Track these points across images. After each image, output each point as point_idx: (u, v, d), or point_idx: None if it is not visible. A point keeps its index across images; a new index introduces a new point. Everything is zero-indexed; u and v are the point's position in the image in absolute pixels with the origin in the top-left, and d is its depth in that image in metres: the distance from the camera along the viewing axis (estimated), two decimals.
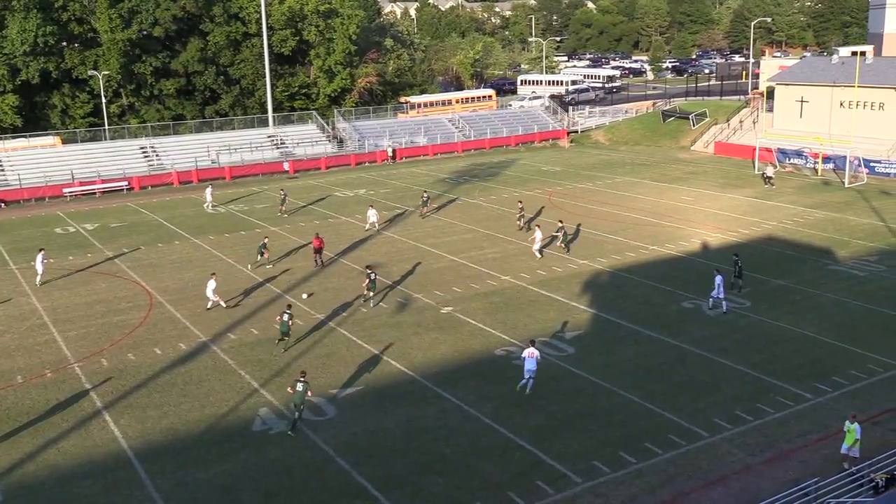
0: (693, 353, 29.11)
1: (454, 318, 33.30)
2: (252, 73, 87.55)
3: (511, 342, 30.47)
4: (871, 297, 34.49)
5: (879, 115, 65.19)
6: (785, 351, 29.20)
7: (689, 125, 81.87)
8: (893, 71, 66.21)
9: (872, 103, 65.59)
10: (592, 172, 66.98)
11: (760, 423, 24.10)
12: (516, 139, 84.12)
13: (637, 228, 46.99)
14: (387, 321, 33.08)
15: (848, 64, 69.03)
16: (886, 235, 44.52)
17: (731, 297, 34.56)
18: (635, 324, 32.07)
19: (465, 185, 62.77)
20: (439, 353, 29.74)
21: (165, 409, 25.83)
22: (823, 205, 52.56)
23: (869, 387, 26.27)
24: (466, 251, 43.15)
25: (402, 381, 27.49)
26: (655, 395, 25.96)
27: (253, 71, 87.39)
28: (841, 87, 67.08)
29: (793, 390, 26.06)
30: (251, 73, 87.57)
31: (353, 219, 51.39)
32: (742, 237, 44.64)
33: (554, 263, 40.31)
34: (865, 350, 29.03)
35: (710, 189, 58.33)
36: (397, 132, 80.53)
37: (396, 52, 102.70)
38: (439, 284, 37.51)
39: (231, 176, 68.14)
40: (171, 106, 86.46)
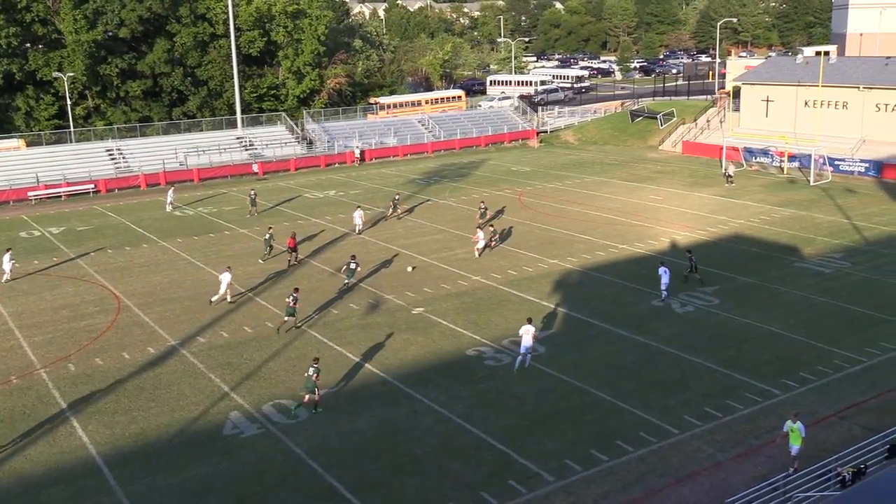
0: (663, 351, 29.35)
1: (425, 318, 33.29)
2: (220, 75, 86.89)
3: (482, 342, 30.51)
4: (837, 294, 34.98)
5: (843, 114, 66.18)
6: (753, 347, 29.52)
7: (658, 125, 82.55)
8: (856, 71, 67.28)
9: (836, 102, 66.55)
10: (562, 172, 67.28)
11: (729, 419, 24.35)
12: (486, 139, 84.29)
13: (607, 228, 47.28)
14: (358, 322, 32.98)
15: (812, 64, 70.01)
16: (851, 232, 45.19)
17: (698, 294, 34.92)
18: (606, 322, 32.27)
19: (435, 185, 62.78)
20: (411, 353, 29.71)
21: (134, 415, 25.54)
22: (789, 203, 53.24)
23: (835, 382, 26.64)
24: (437, 252, 43.16)
25: (374, 382, 27.42)
26: (626, 393, 26.13)
27: (221, 72, 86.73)
28: (805, 87, 68.01)
29: (761, 386, 26.36)
30: (219, 75, 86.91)
31: (323, 220, 51.19)
32: (710, 235, 45.08)
33: (525, 263, 40.44)
34: (831, 346, 29.44)
35: (678, 188, 58.84)
36: (367, 133, 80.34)
37: (365, 53, 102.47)
38: (410, 285, 37.47)
39: (199, 178, 67.57)
40: (137, 108, 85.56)
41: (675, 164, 69.86)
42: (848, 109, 65.91)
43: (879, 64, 67.00)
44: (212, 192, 62.83)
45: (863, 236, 44.28)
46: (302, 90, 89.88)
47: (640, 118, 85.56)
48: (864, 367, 27.66)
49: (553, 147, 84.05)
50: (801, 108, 68.73)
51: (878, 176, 60.85)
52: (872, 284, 36.25)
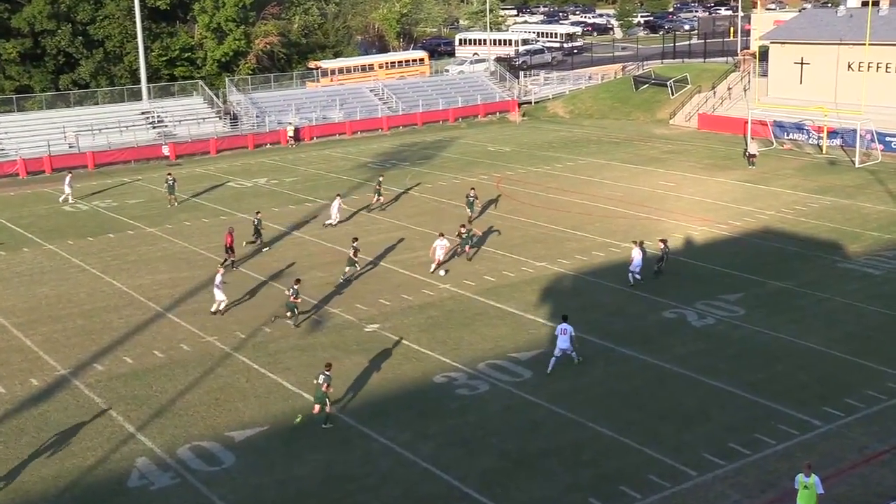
0: (677, 374, 29.56)
1: (382, 337, 33.24)
2: (119, 33, 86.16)
3: (453, 366, 30.52)
4: (890, 301, 35.47)
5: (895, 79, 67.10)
6: (787, 368, 29.84)
7: (668, 94, 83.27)
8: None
9: (887, 65, 67.44)
10: (550, 153, 67.55)
11: (759, 457, 24.55)
12: (455, 113, 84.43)
13: (606, 222, 47.56)
14: (297, 343, 32.87)
15: (857, 17, 70.91)
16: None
17: (719, 302, 35.25)
18: (606, 339, 32.44)
19: (392, 170, 62.73)
20: (364, 381, 29.64)
21: (12, 464, 25.22)
22: (830, 189, 53.93)
23: (889, 410, 26.96)
24: (396, 254, 43.12)
25: (318, 418, 27.32)
26: (632, 426, 26.27)
27: (120, 30, 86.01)
28: (849, 46, 68.88)
29: (797, 416, 26.63)
30: (118, 33, 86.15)
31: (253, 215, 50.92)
32: (733, 230, 45.53)
33: (505, 267, 40.55)
34: (883, 365, 29.82)
35: (693, 172, 59.35)
36: (306, 106, 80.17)
37: (303, 6, 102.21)
38: (363, 296, 37.41)
39: (95, 164, 66.96)
40: (13, 74, 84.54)
41: (690, 143, 70.44)
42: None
43: None
44: (111, 181, 62.28)
45: None
46: (223, 53, 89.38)
47: (645, 86, 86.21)
48: None
49: (539, 122, 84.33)
50: (844, 73, 69.58)
51: None
52: None
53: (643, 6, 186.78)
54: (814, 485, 20.44)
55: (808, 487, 20.45)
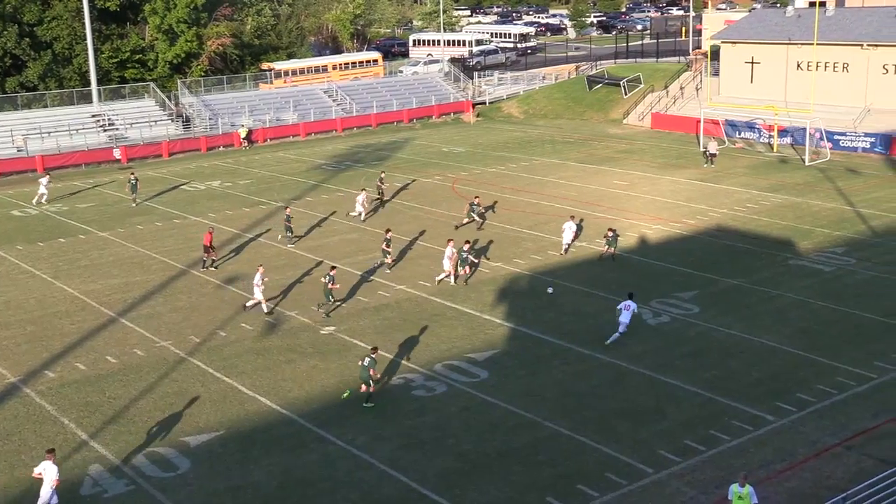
0: (633, 373, 29.77)
1: (338, 339, 33.15)
2: (68, 35, 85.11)
3: (410, 367, 30.51)
4: (840, 297, 35.99)
5: (843, 79, 68.14)
6: (741, 365, 30.17)
7: (621, 94, 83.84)
8: (859, 24, 69.21)
9: (835, 64, 68.48)
10: (504, 153, 67.75)
11: (715, 453, 24.80)
12: (410, 113, 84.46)
13: (561, 222, 47.68)
14: (252, 347, 32.67)
15: (805, 17, 71.88)
16: (855, 222, 46.57)
17: (673, 300, 35.55)
18: (562, 339, 32.59)
19: (347, 172, 62.58)
20: (320, 384, 29.55)
21: None
22: (781, 187, 54.61)
23: (840, 404, 27.35)
24: (351, 255, 43.03)
25: (274, 422, 27.18)
26: (589, 425, 26.42)
27: (69, 32, 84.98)
28: (798, 46, 69.84)
29: (751, 412, 26.93)
30: (67, 35, 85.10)
31: (207, 218, 50.60)
32: (686, 228, 45.94)
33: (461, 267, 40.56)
34: (834, 360, 30.24)
35: (647, 171, 59.81)
36: (259, 107, 79.75)
37: (256, 7, 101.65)
38: (318, 298, 37.22)
39: (44, 167, 65.99)
40: None
41: (643, 142, 70.99)
42: (849, 72, 67.88)
43: (887, 15, 68.84)
44: (61, 185, 61.50)
45: (869, 226, 45.68)
46: (175, 54, 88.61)
47: (599, 85, 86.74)
48: (874, 385, 28.48)
49: (493, 122, 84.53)
50: (793, 72, 70.57)
51: (885, 153, 62.84)
52: (881, 284, 37.41)
53: (596, 6, 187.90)
54: (748, 495, 20.42)
55: (743, 498, 20.43)
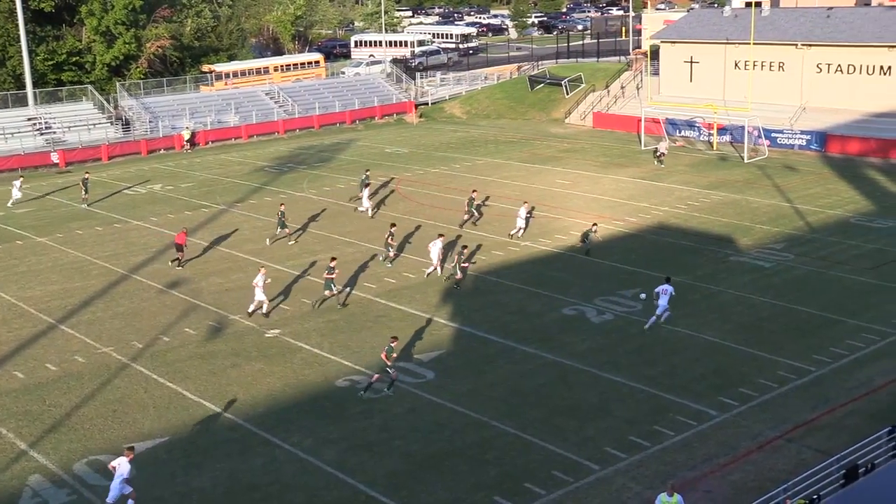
0: (578, 371, 29.99)
1: (282, 343, 32.98)
2: (2, 36, 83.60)
3: (355, 369, 30.43)
4: (779, 292, 36.59)
5: (780, 77, 69.27)
6: (684, 361, 30.54)
7: (563, 93, 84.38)
8: (793, 24, 70.48)
9: (771, 63, 69.63)
10: (448, 153, 67.86)
11: (659, 448, 25.08)
12: (352, 115, 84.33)
13: (504, 220, 47.95)
14: (195, 352, 32.37)
15: (742, 17, 72.97)
16: (793, 218, 47.37)
17: (617, 298, 35.89)
18: (507, 338, 32.73)
19: (289, 174, 62.29)
20: (265, 388, 29.38)
21: None
22: (721, 184, 55.36)
23: (781, 398, 27.82)
24: (295, 258, 42.83)
25: (219, 427, 26.97)
26: (535, 423, 26.56)
27: (2, 33, 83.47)
28: (735, 45, 70.85)
29: (695, 407, 27.28)
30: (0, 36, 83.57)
31: (148, 223, 50.03)
32: (629, 226, 46.37)
33: (405, 268, 40.57)
34: (775, 354, 30.75)
35: (589, 170, 60.27)
36: (200, 110, 79.03)
37: (195, 9, 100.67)
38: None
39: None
40: None
41: (585, 141, 71.52)
42: (785, 71, 69.04)
43: (820, 16, 70.27)
44: None
45: (806, 222, 46.49)
46: (113, 56, 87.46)
47: (541, 85, 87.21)
48: (813, 378, 29.01)
49: (436, 122, 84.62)
50: (731, 71, 71.59)
51: (821, 150, 64.03)
52: (819, 279, 38.10)
53: (537, 7, 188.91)
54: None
55: None
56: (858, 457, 22.24)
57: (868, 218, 47.01)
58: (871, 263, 39.65)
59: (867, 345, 31.27)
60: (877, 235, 43.86)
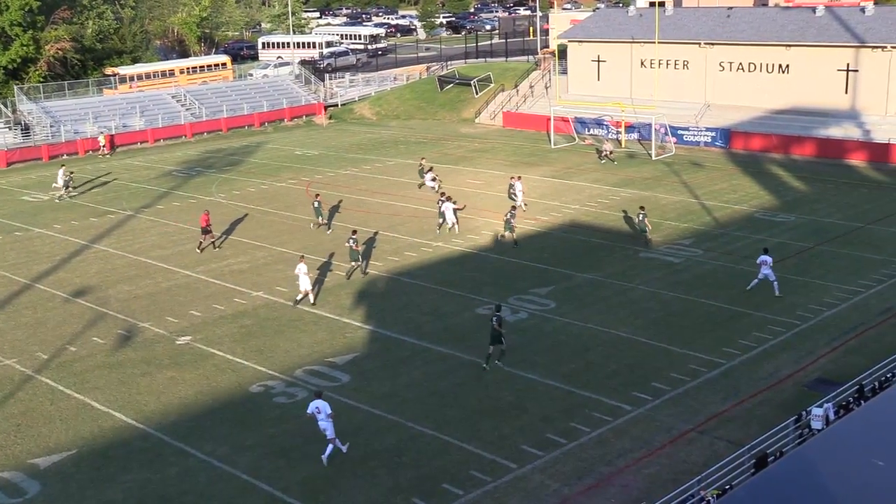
0: (493, 369, 30.10)
1: (194, 350, 32.51)
2: None
3: (270, 374, 30.13)
4: (689, 287, 37.27)
5: (684, 75, 70.65)
6: (598, 357, 30.91)
7: (472, 93, 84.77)
8: (696, 24, 71.99)
9: (676, 61, 70.97)
10: (358, 155, 67.66)
11: (575, 445, 25.33)
12: (261, 117, 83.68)
13: (417, 222, 47.99)
14: (104, 361, 31.69)
15: (647, 16, 74.28)
16: (700, 214, 48.30)
17: (530, 296, 36.17)
18: (422, 339, 32.73)
19: (198, 178, 61.43)
20: (177, 396, 28.91)
21: None
22: (630, 182, 56.20)
23: (693, 391, 28.34)
24: (205, 263, 42.26)
25: (131, 437, 26.45)
26: (451, 424, 26.60)
27: None
28: (640, 44, 72.05)
29: (609, 403, 27.62)
30: None
31: (51, 230, 48.82)
32: (540, 225, 46.77)
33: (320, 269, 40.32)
34: (686, 348, 31.31)
35: (500, 169, 60.63)
36: (104, 114, 77.46)
37: (97, 10, 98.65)
38: (172, 308, 36.48)
39: None
40: None
41: (496, 140, 71.96)
42: (689, 69, 70.44)
43: (720, 15, 71.97)
44: None
45: (713, 217, 47.46)
46: (10, 59, 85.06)
47: (450, 85, 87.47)
48: (723, 371, 29.63)
49: (346, 124, 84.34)
50: (637, 69, 72.78)
51: (725, 146, 65.44)
52: (727, 273, 38.91)
53: (445, 7, 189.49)
54: None
55: None
56: (767, 445, 22.78)
57: (772, 213, 48.18)
58: (777, 257, 40.59)
59: (774, 336, 32.05)
60: (781, 229, 44.99)
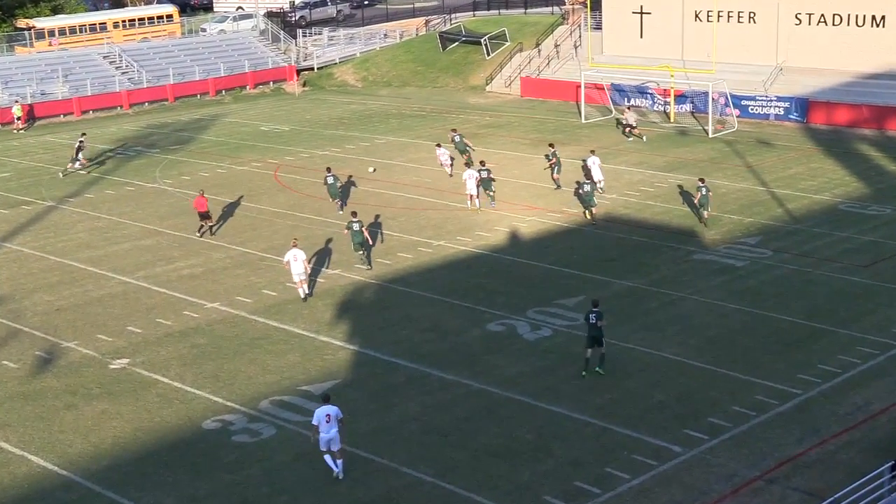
0: (508, 401, 30.06)
1: (133, 376, 32.51)
2: None
3: (228, 406, 30.12)
4: (755, 297, 37.17)
5: (751, 31, 70.40)
6: (640, 385, 30.84)
7: (482, 54, 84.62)
8: None
9: (740, 13, 70.71)
10: (339, 131, 67.62)
11: (612, 496, 25.22)
12: (217, 84, 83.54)
13: (413, 215, 47.96)
14: (18, 391, 31.74)
15: None
16: (769, 205, 48.24)
17: (555, 309, 36.14)
18: (420, 362, 32.71)
19: (137, 160, 61.51)
20: (111, 435, 28.91)
21: None
22: (681, 165, 56.13)
23: (759, 428, 28.20)
24: (147, 267, 42.30)
25: (51, 487, 26.46)
26: (456, 469, 26.55)
27: None
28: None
29: (654, 443, 27.54)
30: None
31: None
32: (568, 219, 46.71)
33: (288, 278, 40.25)
34: (751, 375, 31.20)
35: (518, 149, 60.56)
36: (17, 78, 77.63)
37: None
38: (105, 323, 36.54)
39: None
40: None
41: (512, 113, 71.89)
42: (757, 23, 70.22)
43: None
44: None
45: (786, 210, 47.39)
46: None
47: (455, 44, 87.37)
48: (799, 404, 29.49)
49: (324, 92, 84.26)
50: (691, 24, 72.58)
51: (802, 120, 65.29)
52: (802, 280, 38.83)
53: None
54: None
55: None
56: (856, 499, 22.66)
57: (861, 204, 48.11)
58: (867, 260, 40.56)
59: (863, 360, 31.90)
60: (872, 225, 44.89)
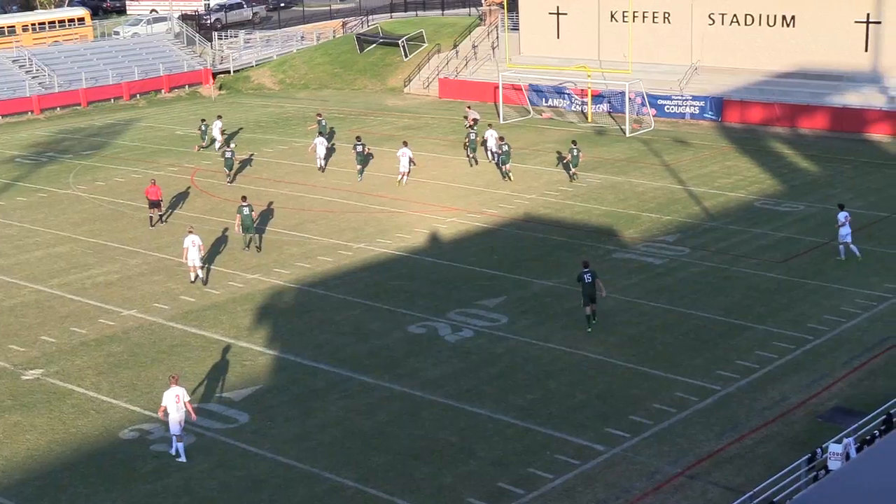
0: (430, 403, 30.03)
1: (46, 386, 32.05)
2: None
3: (145, 415, 29.78)
4: (673, 295, 37.53)
5: (665, 31, 71.03)
6: (561, 385, 30.93)
7: (400, 56, 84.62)
8: None
9: (655, 13, 71.30)
10: (257, 135, 67.28)
11: (536, 496, 25.28)
12: (131, 87, 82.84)
13: (332, 218, 47.79)
14: None
15: None
16: (686, 203, 48.72)
17: (475, 310, 36.16)
18: (341, 366, 32.58)
19: (50, 165, 60.71)
20: (24, 447, 28.47)
21: None
22: (598, 164, 56.49)
23: (680, 425, 28.44)
24: (61, 274, 41.74)
25: None
26: (378, 473, 26.45)
27: None
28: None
29: (576, 442, 27.63)
30: None
31: None
32: (488, 220, 46.81)
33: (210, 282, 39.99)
34: (671, 372, 31.46)
35: (436, 150, 60.59)
36: None
37: None
38: (17, 333, 36.00)
39: None
40: None
41: (430, 114, 71.95)
42: (671, 23, 70.84)
43: None
44: None
45: (703, 208, 47.89)
46: None
47: (372, 46, 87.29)
48: (718, 399, 29.80)
49: (241, 95, 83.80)
50: (607, 24, 73.05)
51: (717, 119, 66.06)
52: (720, 276, 39.27)
53: None
54: None
55: None
56: (774, 492, 22.89)
57: (775, 200, 48.78)
58: (781, 256, 41.11)
59: (780, 355, 32.35)
60: (786, 221, 45.53)
